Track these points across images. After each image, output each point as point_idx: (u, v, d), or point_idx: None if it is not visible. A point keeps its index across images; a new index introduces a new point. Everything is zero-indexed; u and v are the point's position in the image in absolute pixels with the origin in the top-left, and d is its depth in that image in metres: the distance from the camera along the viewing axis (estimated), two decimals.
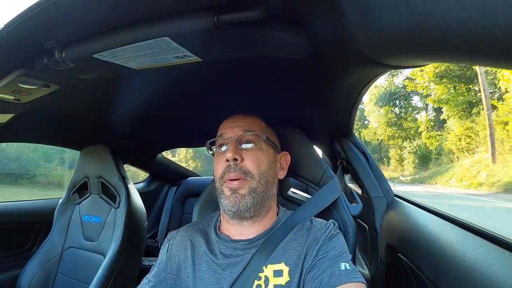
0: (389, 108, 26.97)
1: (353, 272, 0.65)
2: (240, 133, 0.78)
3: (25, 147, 5.70)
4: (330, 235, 0.74)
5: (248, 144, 0.79)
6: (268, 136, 0.82)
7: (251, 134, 0.79)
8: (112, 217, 1.49)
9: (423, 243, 0.81)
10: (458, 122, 17.26)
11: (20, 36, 0.59)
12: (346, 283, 0.63)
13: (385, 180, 1.27)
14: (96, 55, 0.66)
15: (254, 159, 0.77)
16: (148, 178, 2.55)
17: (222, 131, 0.82)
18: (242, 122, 0.81)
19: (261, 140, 0.79)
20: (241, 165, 0.75)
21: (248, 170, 0.75)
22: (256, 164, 0.76)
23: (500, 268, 0.55)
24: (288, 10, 0.57)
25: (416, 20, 0.37)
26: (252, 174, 0.75)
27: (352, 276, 0.64)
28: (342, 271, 0.65)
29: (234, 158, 0.75)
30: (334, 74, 0.81)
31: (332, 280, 0.63)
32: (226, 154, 0.75)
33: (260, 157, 0.78)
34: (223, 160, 0.76)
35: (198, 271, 0.75)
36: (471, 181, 12.67)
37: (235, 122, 0.82)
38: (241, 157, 0.76)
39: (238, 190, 0.74)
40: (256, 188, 0.75)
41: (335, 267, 0.66)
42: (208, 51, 0.69)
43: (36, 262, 1.49)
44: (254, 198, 0.74)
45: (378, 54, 0.58)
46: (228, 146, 0.77)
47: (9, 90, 0.80)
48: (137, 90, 1.01)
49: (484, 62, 0.39)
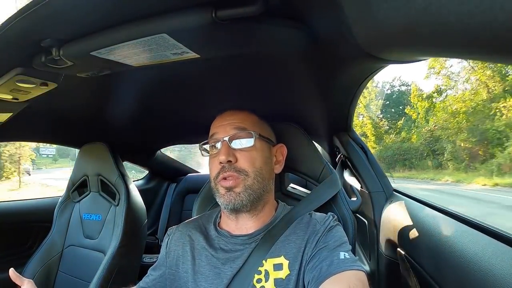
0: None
1: (352, 260, 0.65)
2: (232, 133, 0.78)
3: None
4: (330, 227, 0.74)
5: (241, 143, 0.78)
6: (260, 132, 0.81)
7: (243, 133, 0.78)
8: (112, 214, 1.50)
9: (422, 238, 0.81)
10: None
11: (17, 35, 0.59)
12: (345, 271, 0.62)
13: (384, 175, 1.27)
14: (94, 52, 0.65)
15: (248, 158, 0.76)
16: (148, 175, 2.56)
17: (213, 131, 0.81)
18: (233, 120, 0.80)
19: (254, 138, 0.78)
20: (235, 165, 0.75)
21: (243, 168, 0.75)
22: (250, 162, 0.76)
23: (500, 262, 0.55)
24: (286, 4, 0.57)
25: (414, 15, 0.37)
26: (247, 172, 0.75)
27: (352, 264, 0.64)
28: (342, 260, 0.65)
29: (228, 160, 0.75)
30: (332, 69, 0.81)
31: (332, 268, 0.63)
32: (219, 157, 0.75)
33: (254, 155, 0.78)
34: (217, 162, 0.76)
35: (198, 266, 0.76)
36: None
37: (226, 119, 0.81)
38: (234, 157, 0.75)
39: (233, 188, 0.74)
40: (252, 185, 0.75)
41: (334, 256, 0.66)
42: (206, 47, 0.68)
43: (37, 261, 1.49)
44: (250, 195, 0.75)
45: (377, 49, 0.58)
46: (220, 148, 0.77)
47: (7, 89, 0.80)
48: (135, 87, 1.01)
49: (483, 56, 0.39)
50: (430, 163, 19.13)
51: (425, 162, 19.66)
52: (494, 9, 0.27)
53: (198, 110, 1.27)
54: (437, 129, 19.32)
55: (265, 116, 0.87)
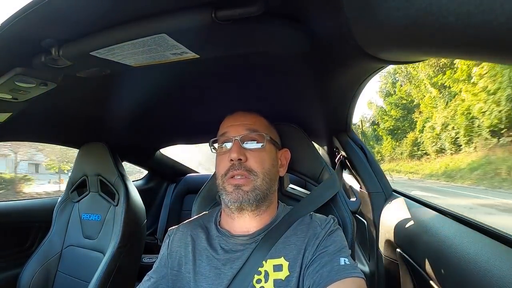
0: None
1: (352, 267, 0.66)
2: (244, 133, 0.79)
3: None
4: (330, 231, 0.75)
5: (252, 144, 0.79)
6: (271, 136, 0.83)
7: (255, 134, 0.80)
8: (111, 214, 1.49)
9: (422, 238, 0.81)
10: None
11: (17, 35, 0.59)
12: (346, 278, 0.63)
13: (383, 175, 1.27)
14: (94, 52, 0.65)
15: (258, 159, 0.78)
16: (147, 175, 2.55)
17: (224, 129, 0.82)
18: (245, 121, 0.82)
19: (265, 140, 0.80)
20: (245, 164, 0.76)
21: (252, 169, 0.76)
22: (260, 163, 0.78)
23: (499, 263, 0.55)
24: (286, 5, 0.57)
25: (414, 15, 0.37)
26: (256, 172, 0.76)
27: (352, 271, 0.65)
28: (342, 266, 0.65)
29: (238, 158, 0.75)
30: (332, 69, 0.81)
31: (332, 274, 0.64)
32: (231, 154, 0.76)
33: (264, 156, 0.79)
34: (227, 159, 0.77)
35: (199, 267, 0.76)
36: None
37: (238, 120, 0.82)
38: (245, 156, 0.77)
39: (241, 187, 0.75)
40: (260, 185, 0.76)
41: (334, 262, 0.67)
42: (206, 47, 0.68)
43: (36, 261, 1.49)
44: (257, 195, 0.76)
45: (377, 49, 0.58)
46: (232, 145, 0.78)
47: (7, 89, 0.80)
48: (135, 87, 1.01)
49: (483, 57, 0.39)
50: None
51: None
52: (494, 9, 0.27)
53: (198, 110, 1.27)
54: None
55: (264, 117, 0.87)
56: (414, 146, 21.66)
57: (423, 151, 20.38)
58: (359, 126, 27.51)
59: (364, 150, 1.31)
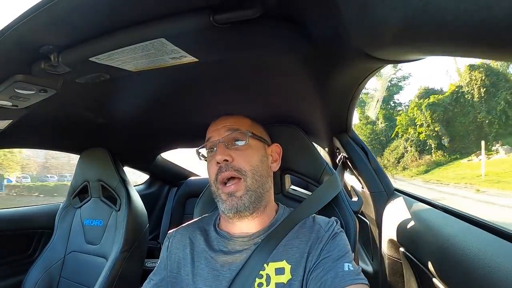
0: None
1: (356, 273, 0.66)
2: (226, 134, 0.80)
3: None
4: (334, 234, 0.74)
5: (236, 143, 0.80)
6: (253, 132, 0.83)
7: (236, 133, 0.80)
8: (113, 220, 1.49)
9: (424, 237, 0.81)
10: None
11: (16, 42, 0.59)
12: (350, 285, 0.63)
13: (385, 174, 1.27)
14: (93, 58, 0.65)
15: (244, 157, 0.78)
16: (148, 180, 2.55)
17: (209, 135, 0.84)
18: (227, 122, 0.83)
19: (247, 137, 0.80)
20: (233, 164, 0.77)
21: (240, 167, 0.77)
22: (246, 160, 0.78)
23: (504, 260, 0.55)
24: (283, 7, 0.57)
25: (411, 14, 0.37)
26: (245, 170, 0.77)
27: (355, 277, 0.65)
28: (346, 272, 0.65)
29: (224, 159, 0.76)
30: (331, 70, 0.81)
31: (336, 281, 0.64)
32: (216, 157, 0.77)
33: (250, 153, 0.80)
34: (214, 163, 0.78)
35: (197, 269, 0.76)
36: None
37: (220, 124, 0.83)
38: (231, 157, 0.77)
39: (234, 193, 0.75)
40: (251, 185, 0.76)
41: (338, 267, 0.66)
42: (205, 51, 0.69)
43: (39, 267, 1.49)
44: (251, 196, 0.76)
45: (375, 49, 0.58)
46: (216, 149, 0.79)
47: (6, 96, 0.80)
48: (134, 92, 1.01)
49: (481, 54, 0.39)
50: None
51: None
52: (492, 6, 0.27)
53: (198, 114, 1.27)
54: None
55: (265, 119, 0.88)
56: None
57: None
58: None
59: (365, 149, 1.31)
